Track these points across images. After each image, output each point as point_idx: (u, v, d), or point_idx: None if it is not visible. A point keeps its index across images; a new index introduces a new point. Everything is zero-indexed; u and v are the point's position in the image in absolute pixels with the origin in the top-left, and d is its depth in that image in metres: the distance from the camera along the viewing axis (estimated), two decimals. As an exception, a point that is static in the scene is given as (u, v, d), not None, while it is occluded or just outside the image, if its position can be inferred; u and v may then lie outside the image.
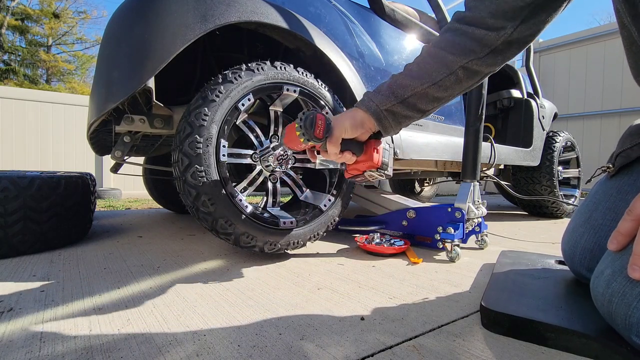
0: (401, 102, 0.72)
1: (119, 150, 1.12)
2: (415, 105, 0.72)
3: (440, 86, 0.70)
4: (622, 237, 0.48)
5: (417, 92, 0.71)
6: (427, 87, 0.70)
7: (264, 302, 0.72)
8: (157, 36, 0.91)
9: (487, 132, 2.36)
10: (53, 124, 4.61)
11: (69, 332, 0.58)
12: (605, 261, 0.52)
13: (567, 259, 0.77)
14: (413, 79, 0.71)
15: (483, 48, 0.66)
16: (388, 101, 0.72)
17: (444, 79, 0.69)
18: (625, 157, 0.70)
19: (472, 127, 1.20)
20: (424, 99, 0.72)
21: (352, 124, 0.73)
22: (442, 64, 0.69)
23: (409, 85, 0.71)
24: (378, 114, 0.73)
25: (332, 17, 1.28)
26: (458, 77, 0.69)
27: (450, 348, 0.54)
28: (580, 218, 0.76)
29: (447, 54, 0.68)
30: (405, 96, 0.71)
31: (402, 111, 0.73)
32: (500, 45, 0.66)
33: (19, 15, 14.46)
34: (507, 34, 0.64)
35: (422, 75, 0.70)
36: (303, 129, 0.71)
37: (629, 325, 0.45)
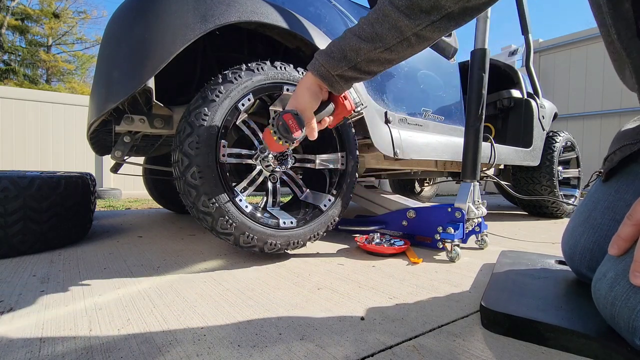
0: (352, 67, 0.73)
1: (119, 150, 1.12)
2: (366, 68, 0.74)
3: (392, 50, 0.71)
4: (623, 242, 0.48)
5: (369, 57, 0.72)
6: (380, 52, 0.71)
7: (264, 302, 0.72)
8: (157, 36, 0.91)
9: (487, 132, 2.36)
10: (53, 124, 4.61)
11: (69, 332, 0.58)
12: (608, 263, 0.52)
13: (568, 258, 0.77)
14: (366, 41, 0.71)
15: (439, 11, 0.66)
16: (339, 66, 0.73)
17: (396, 44, 0.70)
18: (610, 161, 0.71)
19: (472, 127, 1.20)
20: (375, 62, 0.73)
21: (311, 95, 0.76)
22: (396, 29, 0.68)
23: (361, 49, 0.71)
24: (330, 78, 0.75)
25: (332, 17, 1.28)
26: (410, 43, 0.70)
27: (450, 348, 0.54)
28: (579, 217, 0.76)
29: (401, 17, 0.67)
30: (357, 60, 0.72)
31: (352, 74, 0.75)
32: (456, 10, 0.66)
33: (19, 15, 14.47)
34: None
35: (374, 38, 0.70)
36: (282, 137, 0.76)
37: (632, 328, 0.44)
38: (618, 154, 0.69)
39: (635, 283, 0.44)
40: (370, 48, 0.71)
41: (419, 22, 0.67)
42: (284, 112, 0.76)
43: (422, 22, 0.67)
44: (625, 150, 0.67)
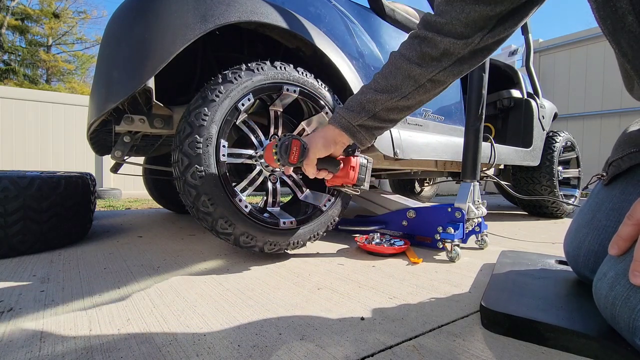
0: (372, 116, 0.75)
1: (119, 150, 1.12)
2: (386, 117, 0.75)
3: (409, 98, 0.72)
4: (623, 242, 0.48)
5: (387, 106, 0.73)
6: (396, 101, 0.72)
7: (264, 302, 0.72)
8: (157, 36, 0.91)
9: (487, 132, 2.36)
10: (53, 124, 4.61)
11: (69, 332, 0.58)
12: (608, 263, 0.52)
13: (571, 260, 0.76)
14: (382, 93, 0.73)
15: (450, 57, 0.67)
16: (359, 117, 0.75)
17: (412, 92, 0.72)
18: (617, 167, 0.70)
19: (472, 127, 1.20)
20: (394, 111, 0.74)
21: (324, 144, 0.78)
22: (409, 77, 0.70)
23: (378, 100, 0.73)
24: (351, 129, 0.76)
25: (332, 17, 1.27)
26: (426, 89, 0.71)
27: (450, 348, 0.54)
28: (583, 219, 0.75)
29: (413, 67, 0.69)
30: (375, 110, 0.74)
31: (373, 124, 0.76)
32: (466, 54, 0.67)
33: (19, 15, 14.47)
34: (474, 43, 0.65)
35: (390, 89, 0.72)
36: (279, 155, 0.78)
37: (633, 328, 0.44)
38: (626, 160, 0.68)
39: (635, 282, 0.44)
40: (387, 98, 0.72)
41: (432, 69, 0.68)
42: (296, 138, 0.78)
43: (434, 69, 0.68)
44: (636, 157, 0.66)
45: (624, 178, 0.70)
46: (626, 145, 0.70)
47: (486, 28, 0.63)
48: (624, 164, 0.68)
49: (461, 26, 0.64)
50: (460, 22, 0.64)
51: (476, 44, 0.65)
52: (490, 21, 0.63)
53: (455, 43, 0.65)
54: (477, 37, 0.64)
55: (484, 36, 0.64)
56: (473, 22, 0.63)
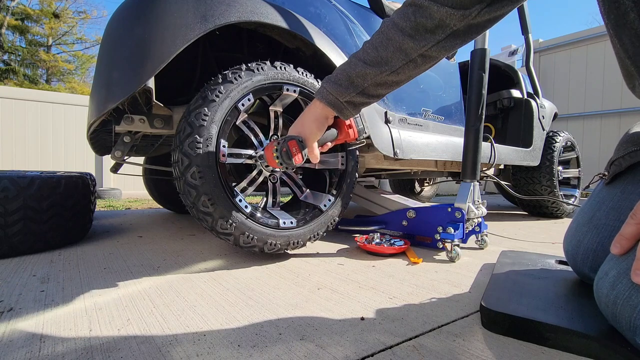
0: (360, 92, 0.73)
1: (119, 150, 1.12)
2: (374, 92, 0.74)
3: (399, 73, 0.71)
4: (626, 241, 0.48)
5: (376, 81, 0.72)
6: (386, 75, 0.71)
7: (264, 302, 0.72)
8: (157, 36, 0.91)
9: (487, 132, 2.36)
10: (53, 124, 4.61)
11: (69, 332, 0.58)
12: (610, 262, 0.52)
13: (570, 259, 0.76)
14: (371, 66, 0.71)
15: (444, 30, 0.65)
16: (347, 93, 0.73)
17: (402, 66, 0.70)
18: (617, 165, 0.70)
19: (472, 127, 1.20)
20: (382, 86, 0.73)
21: (318, 126, 0.77)
22: (400, 50, 0.68)
23: (367, 74, 0.71)
24: (338, 105, 0.75)
25: (332, 17, 1.27)
26: (416, 64, 0.70)
27: (450, 348, 0.54)
28: (583, 218, 0.75)
29: (406, 39, 0.67)
30: (364, 86, 0.72)
31: (361, 100, 0.75)
32: (461, 28, 0.65)
33: (19, 15, 14.46)
34: (471, 15, 0.63)
35: (380, 62, 0.70)
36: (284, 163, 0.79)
37: (633, 327, 0.44)
38: (627, 159, 0.68)
39: (637, 281, 0.44)
40: (377, 72, 0.71)
41: (424, 42, 0.67)
42: (290, 138, 0.78)
43: (427, 42, 0.67)
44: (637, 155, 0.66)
45: (625, 177, 0.70)
46: (627, 145, 0.70)
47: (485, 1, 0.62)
48: (625, 162, 0.68)
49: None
50: None
51: (473, 17, 0.63)
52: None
53: (452, 13, 0.63)
54: (475, 10, 0.63)
55: (482, 9, 0.63)
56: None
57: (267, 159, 0.86)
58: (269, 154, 0.85)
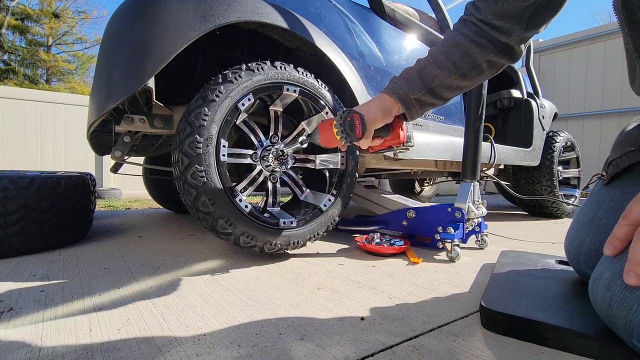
0: (429, 91, 0.75)
1: (119, 150, 1.12)
2: (441, 94, 0.76)
3: (466, 77, 0.73)
4: (618, 242, 0.48)
5: (444, 82, 0.74)
6: (454, 78, 0.73)
7: (264, 302, 0.72)
8: (157, 36, 0.91)
9: (487, 132, 2.36)
10: (53, 124, 4.61)
11: (69, 332, 0.58)
12: (604, 264, 0.52)
13: (572, 259, 0.76)
14: (441, 69, 0.73)
15: (499, 46, 0.70)
16: (417, 90, 0.75)
17: (470, 70, 0.73)
18: (616, 166, 0.71)
19: (472, 127, 1.20)
20: (449, 88, 0.75)
21: (382, 115, 0.76)
22: (468, 56, 0.71)
23: (437, 75, 0.73)
24: (407, 101, 0.76)
25: (332, 17, 1.27)
26: (482, 69, 0.73)
27: (450, 348, 0.54)
28: (583, 218, 0.75)
29: (472, 46, 0.70)
30: (432, 85, 0.74)
31: (428, 99, 0.76)
32: (515, 44, 0.69)
33: (19, 15, 14.46)
34: (519, 34, 0.67)
35: (449, 65, 0.73)
36: (344, 133, 0.75)
37: (629, 329, 0.44)
38: (625, 159, 0.68)
39: (629, 283, 0.43)
40: (446, 75, 0.73)
41: (489, 50, 0.70)
42: (354, 111, 0.75)
43: (491, 50, 0.70)
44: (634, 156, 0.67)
45: (623, 177, 0.71)
46: (625, 145, 0.70)
47: (524, 19, 0.65)
48: (623, 162, 0.68)
49: (497, 19, 0.66)
50: (494, 15, 0.66)
51: (522, 35, 0.67)
52: (525, 11, 0.64)
53: (500, 37, 0.68)
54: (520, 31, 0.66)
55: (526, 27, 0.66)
56: (508, 14, 0.65)
57: (323, 134, 0.81)
58: (328, 128, 0.80)
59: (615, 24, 5.25)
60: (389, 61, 1.45)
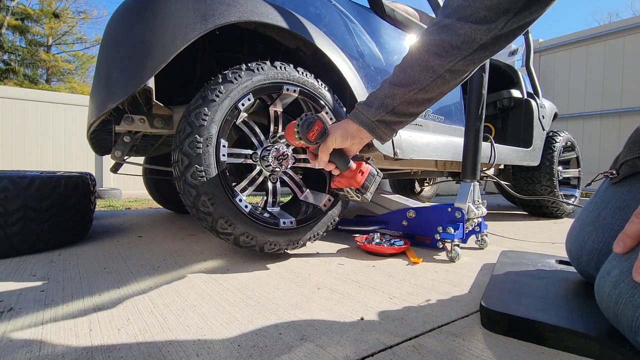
0: (390, 111, 0.73)
1: (119, 150, 1.12)
2: (406, 111, 0.74)
3: (427, 90, 0.70)
4: (630, 240, 0.48)
5: (405, 99, 0.72)
6: (415, 93, 0.71)
7: (264, 302, 0.72)
8: (157, 36, 0.91)
9: (487, 132, 2.36)
10: (53, 124, 4.61)
11: (69, 332, 0.58)
12: (612, 262, 0.52)
13: (574, 259, 0.76)
14: (400, 87, 0.71)
15: (471, 45, 0.64)
16: (377, 112, 0.74)
17: (430, 84, 0.69)
18: (632, 166, 0.68)
19: (472, 127, 1.20)
20: (413, 104, 0.73)
21: (342, 135, 0.77)
22: (428, 69, 0.68)
23: (396, 94, 0.71)
24: (369, 124, 0.75)
25: (332, 17, 1.27)
26: (444, 79, 0.69)
27: (450, 348, 0.54)
28: (587, 217, 0.74)
29: (432, 57, 0.67)
30: (394, 105, 0.72)
31: (393, 119, 0.74)
32: (488, 41, 0.64)
33: (19, 15, 14.46)
34: (497, 28, 0.62)
35: (408, 82, 0.70)
36: (299, 128, 0.76)
37: (635, 327, 0.44)
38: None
39: (639, 280, 0.43)
40: (405, 92, 0.71)
41: (451, 59, 0.66)
42: (320, 119, 0.77)
43: (454, 58, 0.66)
44: None
45: (633, 177, 0.69)
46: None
47: (511, 11, 0.61)
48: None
49: (484, 9, 0.61)
50: (483, 4, 0.61)
51: (499, 30, 0.62)
52: (516, 4, 0.60)
53: (477, 29, 0.62)
54: (501, 22, 0.62)
55: (509, 21, 0.62)
56: (497, 5, 0.60)
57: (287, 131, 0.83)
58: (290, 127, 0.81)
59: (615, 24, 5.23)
60: (389, 61, 1.45)
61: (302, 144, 0.78)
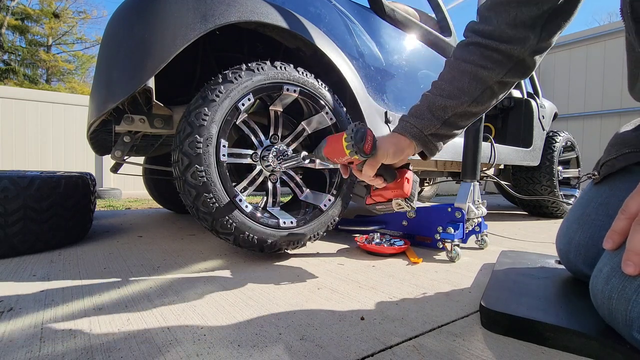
0: (443, 123, 0.71)
1: (119, 150, 1.12)
2: (456, 123, 0.72)
3: (479, 102, 0.70)
4: (618, 236, 0.49)
5: (458, 112, 0.70)
6: (467, 105, 0.70)
7: (264, 302, 0.72)
8: (157, 36, 0.91)
9: (487, 132, 2.36)
10: (53, 124, 4.61)
11: (69, 332, 0.58)
12: (604, 259, 0.53)
13: (563, 256, 0.78)
14: (451, 98, 0.70)
15: (511, 60, 0.66)
16: (432, 125, 0.71)
17: (482, 95, 0.69)
18: (610, 166, 0.71)
19: (472, 127, 1.20)
20: (464, 117, 0.72)
21: (394, 151, 0.71)
22: (477, 80, 0.68)
23: (448, 105, 0.70)
24: (423, 139, 0.72)
25: (332, 17, 1.27)
26: (493, 91, 0.70)
27: (450, 348, 0.54)
28: (573, 215, 0.77)
29: (479, 69, 0.67)
30: (446, 117, 0.71)
31: (445, 132, 0.73)
32: (527, 56, 0.66)
33: (19, 15, 14.46)
34: (533, 44, 0.64)
35: (458, 93, 0.69)
36: (353, 141, 0.68)
37: (629, 320, 0.45)
38: (621, 160, 0.69)
39: (627, 272, 0.44)
40: (458, 104, 0.70)
41: (498, 71, 0.67)
42: (368, 127, 0.70)
43: (501, 71, 0.67)
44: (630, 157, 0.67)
45: (613, 176, 0.72)
46: (620, 146, 0.71)
47: (538, 26, 0.63)
48: (619, 163, 0.69)
49: (510, 29, 0.63)
50: (508, 25, 0.63)
51: (535, 44, 0.64)
52: (540, 19, 0.62)
53: (513, 48, 0.64)
54: (534, 38, 0.63)
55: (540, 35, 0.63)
56: (522, 23, 0.62)
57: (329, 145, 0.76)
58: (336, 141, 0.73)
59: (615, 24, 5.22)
60: (388, 61, 1.45)
61: (353, 159, 0.71)
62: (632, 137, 0.70)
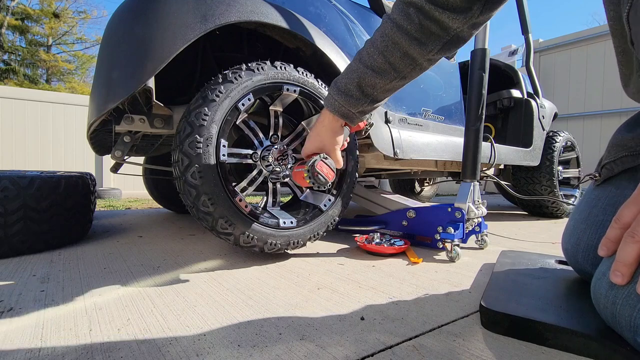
0: (371, 100, 0.75)
1: (119, 150, 1.12)
2: (382, 97, 0.76)
3: (406, 77, 0.72)
4: (612, 244, 0.49)
5: (385, 88, 0.73)
6: (396, 81, 0.72)
7: (264, 302, 0.72)
8: (157, 36, 0.91)
9: (487, 132, 2.36)
10: (53, 124, 4.62)
11: (69, 332, 0.58)
12: (607, 263, 0.52)
13: (570, 257, 0.76)
14: (380, 75, 0.71)
15: (448, 32, 0.65)
16: (359, 104, 0.75)
17: (409, 72, 0.71)
18: (610, 170, 0.71)
19: (472, 127, 1.20)
20: (390, 91, 0.75)
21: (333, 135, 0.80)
22: (408, 56, 0.68)
23: (377, 83, 0.72)
24: (351, 116, 0.77)
25: (332, 17, 1.27)
26: (422, 67, 0.71)
27: (450, 348, 0.54)
28: (579, 216, 0.76)
29: (413, 44, 0.66)
30: (374, 94, 0.74)
31: (371, 107, 0.77)
32: (465, 29, 0.65)
33: (19, 15, 14.46)
34: (474, 15, 0.62)
35: (388, 69, 0.70)
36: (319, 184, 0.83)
37: (634, 326, 0.44)
38: (619, 164, 0.68)
39: (615, 281, 0.45)
40: (386, 81, 0.71)
41: (432, 47, 0.66)
42: (315, 162, 0.81)
43: (434, 46, 0.66)
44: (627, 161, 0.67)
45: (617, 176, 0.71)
46: (618, 148, 0.70)
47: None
48: (617, 167, 0.69)
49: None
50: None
51: (476, 17, 0.63)
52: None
53: (454, 17, 0.62)
54: (477, 10, 0.62)
55: (483, 7, 0.62)
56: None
57: (298, 181, 0.89)
58: (299, 177, 0.86)
59: (615, 24, 5.25)
60: (389, 61, 1.44)
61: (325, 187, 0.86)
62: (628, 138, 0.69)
